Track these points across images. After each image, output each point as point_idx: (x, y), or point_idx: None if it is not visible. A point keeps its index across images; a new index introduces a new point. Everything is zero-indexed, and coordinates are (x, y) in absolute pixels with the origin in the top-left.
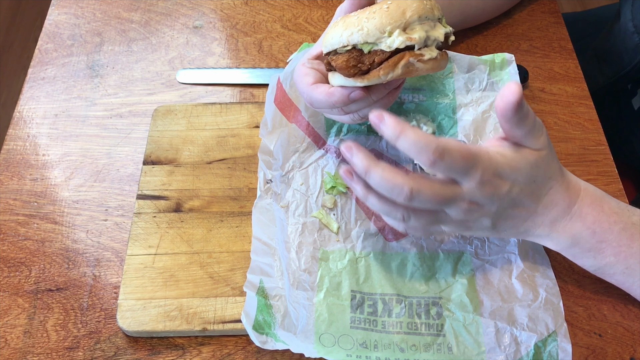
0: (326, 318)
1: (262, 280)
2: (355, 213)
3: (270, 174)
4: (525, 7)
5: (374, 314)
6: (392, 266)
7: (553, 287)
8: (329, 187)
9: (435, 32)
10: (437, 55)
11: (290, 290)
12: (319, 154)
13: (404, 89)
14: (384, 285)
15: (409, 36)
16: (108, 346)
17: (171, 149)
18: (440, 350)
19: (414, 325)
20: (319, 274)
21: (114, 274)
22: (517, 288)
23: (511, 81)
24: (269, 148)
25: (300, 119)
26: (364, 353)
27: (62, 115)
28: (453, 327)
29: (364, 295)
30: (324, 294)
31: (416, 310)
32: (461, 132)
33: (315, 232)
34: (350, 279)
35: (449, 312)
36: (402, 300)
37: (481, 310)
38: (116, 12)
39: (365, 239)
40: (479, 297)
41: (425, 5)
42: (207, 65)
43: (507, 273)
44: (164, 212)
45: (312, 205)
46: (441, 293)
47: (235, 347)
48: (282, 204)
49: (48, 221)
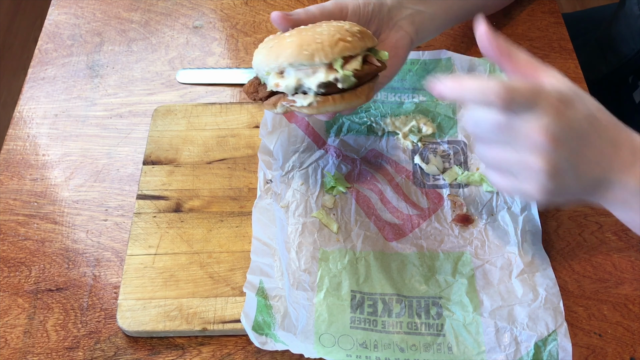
0: (326, 318)
1: (262, 280)
2: (355, 213)
3: (270, 174)
4: (525, 7)
5: (374, 314)
6: (392, 266)
7: (553, 287)
8: (329, 187)
9: (311, 80)
10: (313, 102)
11: (290, 291)
12: (318, 154)
13: (403, 89)
14: (384, 285)
15: (276, 82)
16: (108, 346)
17: (171, 149)
18: (440, 350)
19: (414, 325)
20: (319, 274)
21: (114, 274)
22: (517, 288)
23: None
24: (269, 148)
25: (300, 119)
26: (363, 353)
27: (62, 115)
28: (453, 327)
29: (364, 295)
30: (324, 294)
31: (416, 310)
32: (461, 132)
33: (316, 232)
34: (350, 279)
35: (449, 312)
36: (402, 300)
37: (481, 310)
38: (116, 12)
39: (365, 239)
40: (479, 297)
41: (301, 52)
42: (207, 65)
43: (507, 273)
44: (164, 212)
45: (312, 205)
46: (441, 293)
47: (235, 347)
48: (282, 204)
49: (48, 221)
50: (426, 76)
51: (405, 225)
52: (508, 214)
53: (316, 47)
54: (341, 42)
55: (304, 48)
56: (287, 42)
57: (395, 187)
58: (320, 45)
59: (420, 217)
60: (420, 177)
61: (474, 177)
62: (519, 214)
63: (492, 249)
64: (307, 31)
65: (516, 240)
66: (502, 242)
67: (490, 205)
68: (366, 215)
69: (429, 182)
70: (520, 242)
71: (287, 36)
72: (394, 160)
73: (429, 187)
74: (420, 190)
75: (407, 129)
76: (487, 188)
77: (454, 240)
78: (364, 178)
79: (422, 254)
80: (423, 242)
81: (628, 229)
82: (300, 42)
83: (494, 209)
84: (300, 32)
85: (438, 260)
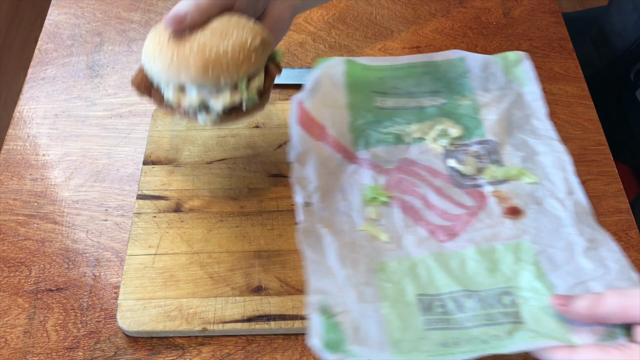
0: (398, 325)
1: (324, 299)
2: (403, 221)
3: (308, 197)
4: (525, 7)
5: (446, 313)
6: (452, 265)
7: (622, 259)
8: (370, 198)
9: (216, 102)
10: (217, 120)
11: (355, 305)
12: (351, 169)
13: (421, 92)
14: (448, 284)
15: (177, 98)
16: (108, 346)
17: (171, 149)
18: (525, 335)
19: (490, 316)
20: (380, 284)
21: (114, 274)
22: (585, 265)
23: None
24: (302, 170)
25: (327, 136)
26: (446, 351)
27: (62, 115)
28: (531, 312)
29: (430, 297)
30: (391, 303)
31: (489, 302)
32: (489, 131)
33: (367, 244)
34: (413, 284)
35: (522, 299)
36: (471, 294)
37: (555, 291)
38: (116, 12)
39: (419, 243)
40: (549, 280)
41: (206, 74)
42: None
43: (571, 253)
44: (164, 212)
45: (357, 220)
46: (509, 282)
47: (235, 347)
48: (326, 224)
49: (48, 221)
50: (442, 78)
51: (456, 225)
52: (555, 200)
53: (221, 69)
54: (245, 63)
55: (209, 69)
56: (190, 58)
57: (437, 190)
58: (225, 67)
59: (469, 215)
60: (458, 179)
61: (512, 173)
62: (566, 198)
63: (548, 233)
64: (208, 43)
65: (571, 221)
66: (557, 225)
67: (533, 195)
68: (413, 221)
69: (468, 182)
70: (576, 222)
71: (187, 47)
72: (427, 166)
73: (469, 187)
74: (461, 191)
75: (434, 133)
76: (527, 180)
77: (508, 231)
78: (404, 185)
79: (480, 249)
80: (478, 238)
81: (629, 228)
82: (205, 61)
83: (538, 198)
84: (201, 46)
85: (497, 253)
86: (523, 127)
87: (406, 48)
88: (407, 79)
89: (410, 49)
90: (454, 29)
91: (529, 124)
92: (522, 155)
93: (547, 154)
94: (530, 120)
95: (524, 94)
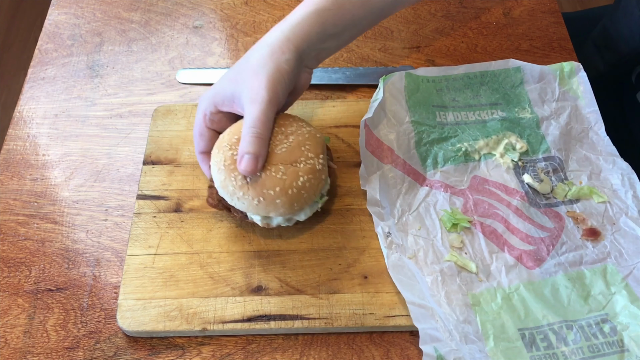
0: None
1: (436, 347)
2: (487, 247)
3: (387, 226)
4: (525, 7)
5: (550, 347)
6: (545, 294)
7: None
8: (450, 225)
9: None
10: None
11: (461, 346)
12: (423, 191)
13: (480, 105)
14: (546, 314)
15: (266, 222)
16: (108, 346)
17: (171, 149)
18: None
19: (594, 347)
20: (478, 321)
21: (114, 274)
22: None
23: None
24: (376, 198)
25: (395, 158)
26: None
27: (62, 115)
28: (633, 339)
29: (532, 330)
30: (493, 341)
31: (590, 332)
32: (553, 147)
33: (456, 277)
34: (511, 317)
35: (621, 325)
36: (571, 325)
37: None
38: (116, 12)
39: (508, 272)
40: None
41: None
42: (207, 65)
43: None
44: (164, 212)
45: (440, 249)
46: (605, 309)
47: (235, 347)
48: (409, 255)
49: (48, 221)
50: (498, 88)
51: (540, 249)
52: (629, 219)
53: (304, 201)
54: (320, 184)
55: (294, 205)
56: (276, 200)
57: (516, 211)
58: (306, 197)
59: (551, 238)
60: (533, 197)
61: (583, 191)
62: (639, 216)
63: (631, 254)
64: (287, 181)
65: None
66: (638, 245)
67: (607, 215)
68: (498, 247)
69: (542, 201)
70: None
71: (268, 186)
72: (500, 183)
73: (544, 207)
74: (539, 211)
75: (501, 148)
76: (598, 199)
77: (591, 255)
78: (482, 208)
79: (568, 274)
80: (564, 262)
81: None
82: (290, 200)
83: (612, 217)
84: (281, 185)
85: (586, 278)
86: (583, 142)
87: (406, 48)
88: (465, 91)
89: (410, 48)
90: (454, 29)
91: (588, 138)
92: (587, 173)
93: (611, 171)
94: (589, 135)
95: (580, 107)
